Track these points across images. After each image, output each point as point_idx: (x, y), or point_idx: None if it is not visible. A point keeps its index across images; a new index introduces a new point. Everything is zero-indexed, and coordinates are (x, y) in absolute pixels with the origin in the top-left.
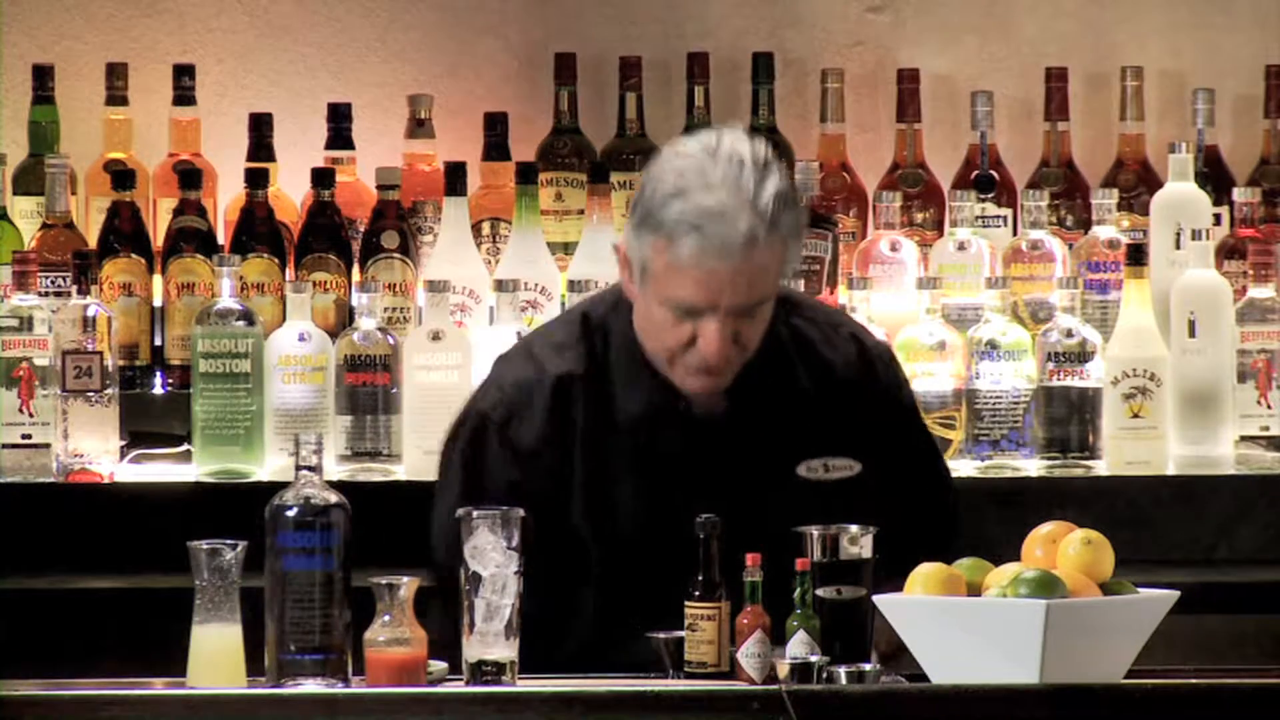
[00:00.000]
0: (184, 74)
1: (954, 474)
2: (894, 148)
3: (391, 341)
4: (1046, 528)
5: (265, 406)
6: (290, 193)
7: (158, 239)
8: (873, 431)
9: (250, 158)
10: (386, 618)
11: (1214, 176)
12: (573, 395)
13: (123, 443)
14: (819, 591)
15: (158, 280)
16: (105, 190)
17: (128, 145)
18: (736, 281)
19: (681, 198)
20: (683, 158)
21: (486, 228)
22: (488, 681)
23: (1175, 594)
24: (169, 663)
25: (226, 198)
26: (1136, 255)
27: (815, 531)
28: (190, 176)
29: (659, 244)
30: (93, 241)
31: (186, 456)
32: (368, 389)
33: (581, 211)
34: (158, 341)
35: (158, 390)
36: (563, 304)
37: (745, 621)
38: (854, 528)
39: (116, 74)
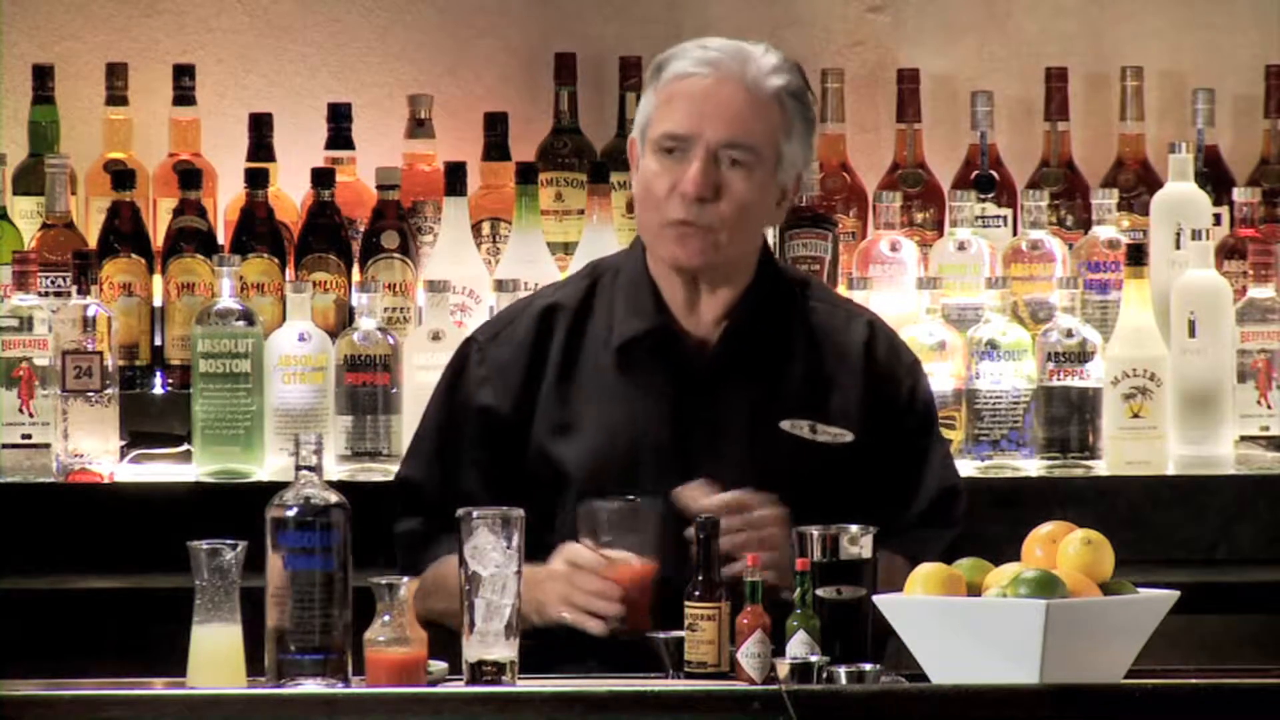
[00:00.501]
0: (184, 74)
1: None
2: (894, 148)
3: (391, 341)
4: (1046, 528)
5: (265, 406)
6: (290, 193)
7: (158, 239)
8: (872, 410)
9: (250, 158)
10: (386, 618)
11: (1214, 176)
12: (555, 322)
13: (123, 443)
14: (819, 591)
15: (158, 280)
16: (105, 190)
17: (128, 145)
18: (722, 107)
19: (692, 40)
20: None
21: (486, 228)
22: (488, 681)
23: (1175, 594)
24: (169, 663)
25: (226, 198)
26: (1136, 255)
27: (815, 532)
28: (190, 176)
29: (655, 79)
30: (93, 241)
31: (186, 456)
32: (368, 389)
33: (581, 211)
34: (158, 341)
35: (158, 390)
36: None
37: (745, 621)
38: (854, 528)
39: (116, 74)
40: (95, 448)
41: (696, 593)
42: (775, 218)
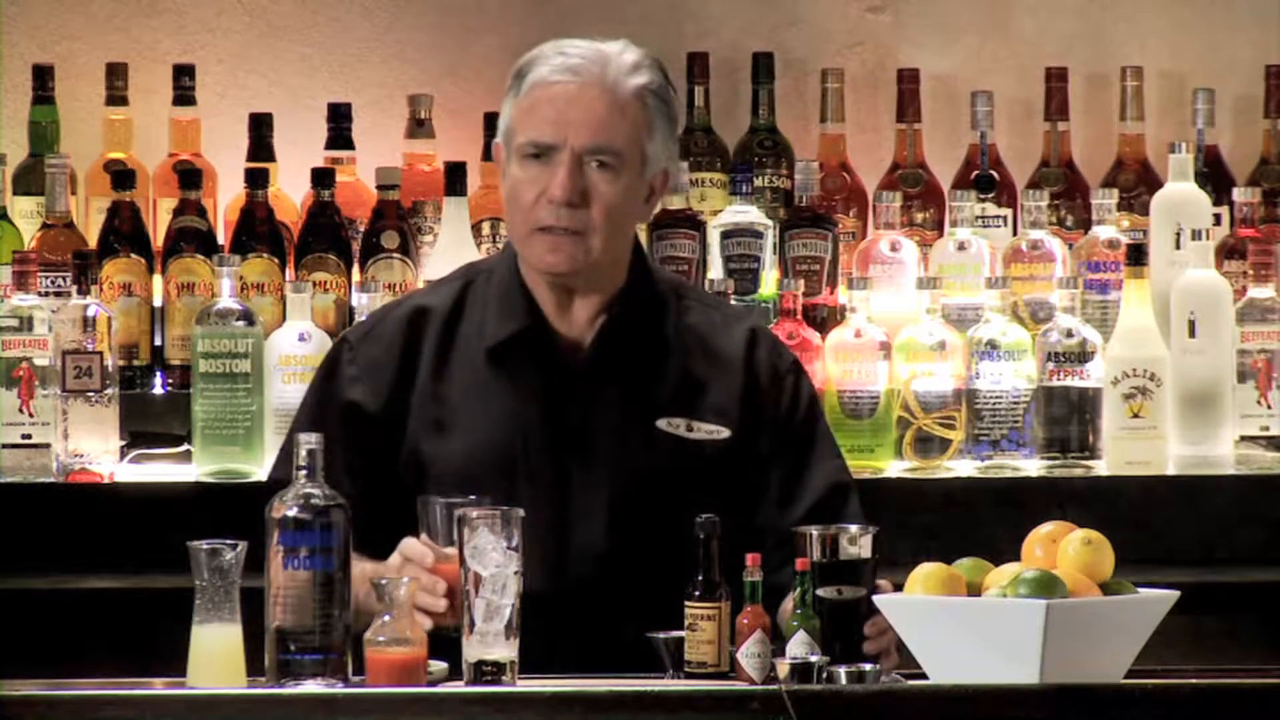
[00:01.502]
0: (184, 74)
1: (954, 474)
2: (894, 148)
3: None
4: (1046, 528)
5: (265, 406)
6: (290, 193)
7: (158, 239)
8: (752, 409)
9: (250, 158)
10: (386, 618)
11: (1214, 176)
12: (426, 323)
13: (123, 443)
14: (819, 591)
15: (158, 280)
16: (105, 190)
17: (128, 145)
18: (584, 113)
19: (549, 45)
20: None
21: (486, 228)
22: (488, 681)
23: (1175, 594)
24: (169, 663)
25: (226, 198)
26: (1136, 255)
27: (815, 532)
28: (190, 176)
29: (516, 88)
30: (93, 241)
31: (186, 456)
32: None
33: None
34: (158, 341)
35: (158, 390)
36: None
37: (745, 621)
38: (853, 528)
39: (116, 74)
40: (95, 448)
41: (696, 593)
42: (644, 215)
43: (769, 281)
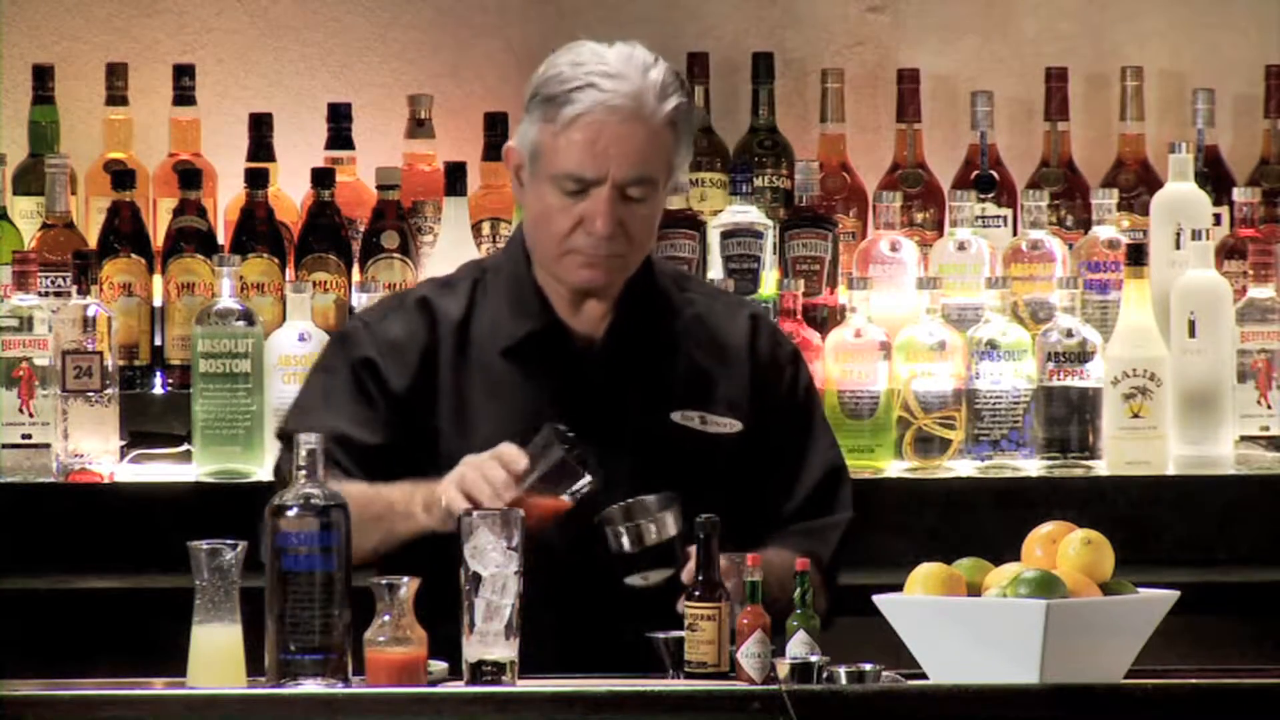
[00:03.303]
0: (184, 74)
1: (954, 474)
2: (894, 148)
3: None
4: (1046, 528)
5: (265, 406)
6: (290, 193)
7: (158, 239)
8: (757, 400)
9: (250, 158)
10: (386, 618)
11: (1214, 176)
12: (440, 318)
13: (123, 443)
14: (629, 580)
15: (158, 280)
16: (105, 190)
17: (128, 145)
18: (624, 147)
19: (576, 66)
20: (576, 50)
21: (486, 228)
22: (488, 681)
23: (1175, 594)
24: (169, 663)
25: (226, 198)
26: (1136, 255)
27: (619, 519)
28: (190, 176)
29: (550, 115)
30: (93, 241)
31: (186, 456)
32: None
33: None
34: (158, 341)
35: (158, 390)
36: None
37: (745, 621)
38: (651, 499)
39: (116, 74)
40: (95, 448)
41: (696, 593)
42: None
43: (769, 281)
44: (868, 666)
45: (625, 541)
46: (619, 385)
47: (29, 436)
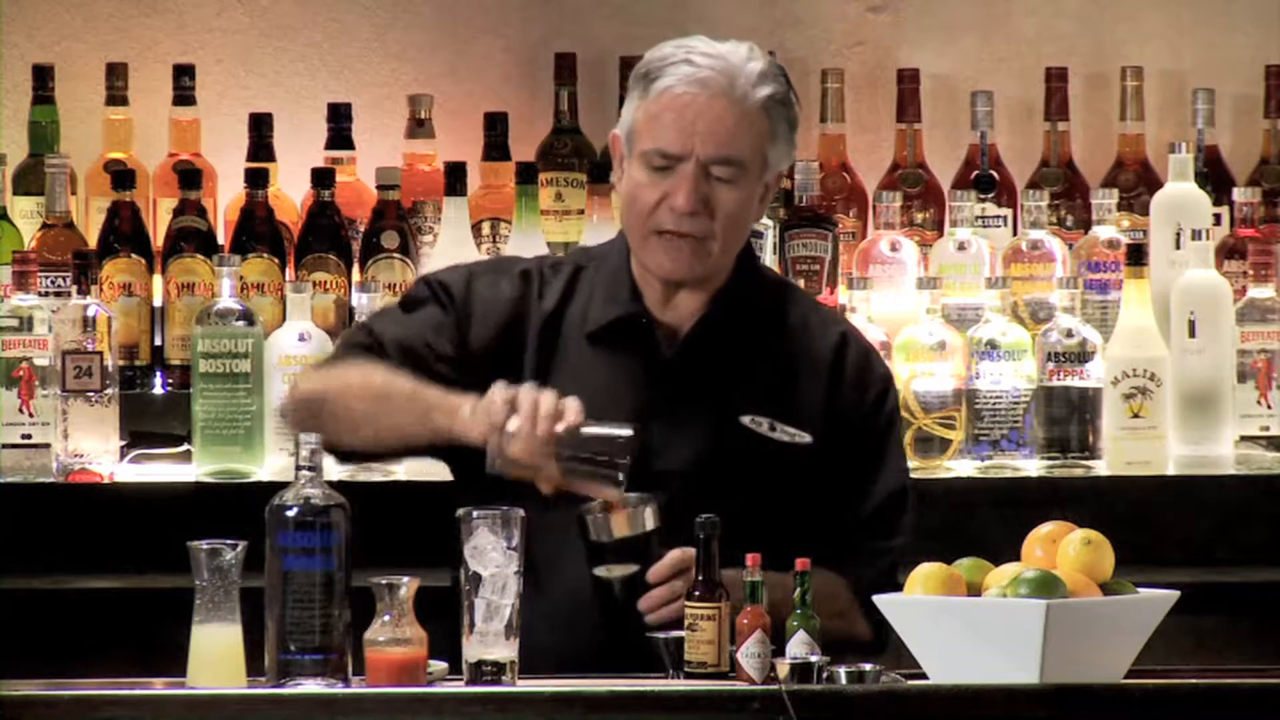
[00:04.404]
0: (184, 74)
1: (954, 474)
2: (894, 148)
3: None
4: (1046, 528)
5: (265, 406)
6: (290, 193)
7: (158, 239)
8: (834, 416)
9: (250, 158)
10: (386, 618)
11: (1214, 176)
12: (538, 292)
13: (123, 443)
14: (596, 571)
15: (158, 280)
16: (105, 190)
17: (128, 145)
18: (711, 123)
19: (678, 47)
20: (686, 38)
21: (486, 228)
22: (488, 681)
23: (1175, 594)
24: (169, 663)
25: (226, 198)
26: (1136, 255)
27: (597, 509)
28: (190, 176)
29: (644, 91)
30: (93, 241)
31: (186, 456)
32: None
33: (581, 211)
34: (158, 341)
35: (158, 390)
36: None
37: (745, 621)
38: (631, 496)
39: (116, 74)
40: (95, 448)
41: (696, 593)
42: (759, 214)
43: None
44: (868, 666)
45: (599, 532)
46: (693, 380)
47: (29, 436)
